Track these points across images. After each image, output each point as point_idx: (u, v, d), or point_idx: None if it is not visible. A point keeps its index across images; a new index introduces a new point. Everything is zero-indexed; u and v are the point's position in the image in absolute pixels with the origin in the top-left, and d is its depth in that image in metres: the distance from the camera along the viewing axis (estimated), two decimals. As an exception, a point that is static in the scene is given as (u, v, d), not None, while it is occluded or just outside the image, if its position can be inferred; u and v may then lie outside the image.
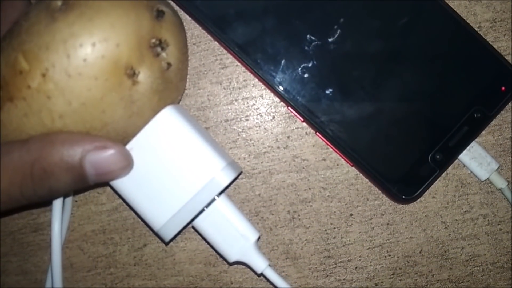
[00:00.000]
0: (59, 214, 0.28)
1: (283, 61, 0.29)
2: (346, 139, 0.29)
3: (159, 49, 0.25)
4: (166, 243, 0.30)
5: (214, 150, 0.26)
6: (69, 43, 0.23)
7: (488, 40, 0.30)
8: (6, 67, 0.24)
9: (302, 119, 0.29)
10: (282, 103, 0.30)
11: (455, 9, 0.30)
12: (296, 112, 0.29)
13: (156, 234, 0.26)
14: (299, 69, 0.29)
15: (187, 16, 0.30)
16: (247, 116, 0.31)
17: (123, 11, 0.24)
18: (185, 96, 0.30)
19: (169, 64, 0.25)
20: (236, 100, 0.31)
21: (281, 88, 0.29)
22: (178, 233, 0.27)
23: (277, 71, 0.29)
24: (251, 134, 0.31)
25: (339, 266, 0.31)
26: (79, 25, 0.23)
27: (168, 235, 0.26)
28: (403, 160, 0.29)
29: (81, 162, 0.24)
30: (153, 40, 0.25)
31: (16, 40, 0.24)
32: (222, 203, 0.27)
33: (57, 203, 0.28)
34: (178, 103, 0.28)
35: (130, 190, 0.26)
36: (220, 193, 0.27)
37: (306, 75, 0.29)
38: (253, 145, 0.31)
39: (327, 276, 0.31)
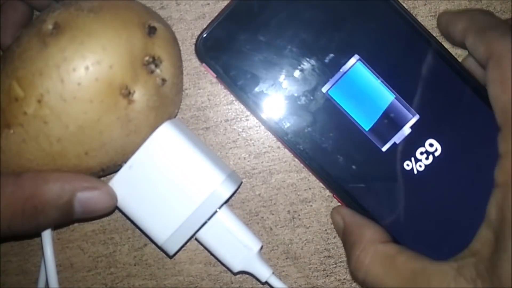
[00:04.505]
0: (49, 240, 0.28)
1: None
2: None
3: (153, 66, 0.25)
4: (171, 257, 0.30)
5: (214, 163, 0.26)
6: (62, 68, 0.23)
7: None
8: (1, 94, 0.24)
9: None
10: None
11: (454, 9, 0.30)
12: None
13: (161, 248, 0.27)
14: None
15: (184, 14, 0.30)
16: (247, 116, 0.31)
17: (114, 32, 0.24)
18: (185, 96, 0.30)
19: (163, 80, 0.25)
20: (236, 100, 0.31)
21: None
22: (182, 247, 0.27)
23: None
24: (251, 134, 0.31)
25: (339, 266, 0.31)
26: (71, 49, 0.23)
27: (172, 249, 0.27)
28: None
29: (70, 201, 0.25)
30: (147, 58, 0.25)
31: (10, 66, 0.24)
32: (224, 215, 0.27)
33: (47, 234, 0.28)
34: (176, 115, 0.29)
35: (132, 207, 0.27)
36: (222, 205, 0.27)
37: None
38: (253, 145, 0.31)
39: (327, 275, 0.31)
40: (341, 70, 0.28)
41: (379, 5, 0.28)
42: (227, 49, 0.28)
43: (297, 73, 0.28)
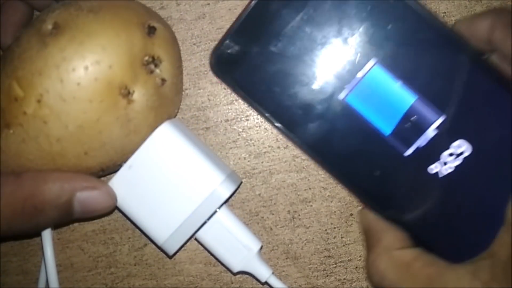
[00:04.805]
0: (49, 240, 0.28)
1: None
2: None
3: (152, 66, 0.25)
4: (170, 257, 0.30)
5: (213, 163, 0.26)
6: (62, 68, 0.23)
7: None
8: (1, 94, 0.24)
9: None
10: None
11: (455, 9, 0.30)
12: None
13: (160, 248, 0.27)
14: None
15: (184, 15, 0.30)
16: (247, 116, 0.31)
17: (113, 32, 0.24)
18: (185, 96, 0.30)
19: (163, 80, 0.25)
20: (236, 100, 0.31)
21: None
22: (182, 246, 0.27)
23: None
24: (252, 134, 0.31)
25: (339, 266, 0.31)
26: (71, 50, 0.23)
27: (172, 249, 0.27)
28: None
29: (70, 200, 0.25)
30: (146, 58, 0.25)
31: (10, 66, 0.24)
32: (224, 215, 0.27)
33: (47, 234, 0.28)
34: (175, 115, 0.29)
35: (132, 207, 0.27)
36: (222, 205, 0.27)
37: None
38: (254, 145, 0.31)
39: (327, 275, 0.31)
40: (357, 75, 0.27)
41: (393, 4, 0.27)
42: (241, 63, 0.27)
43: (313, 82, 0.27)
